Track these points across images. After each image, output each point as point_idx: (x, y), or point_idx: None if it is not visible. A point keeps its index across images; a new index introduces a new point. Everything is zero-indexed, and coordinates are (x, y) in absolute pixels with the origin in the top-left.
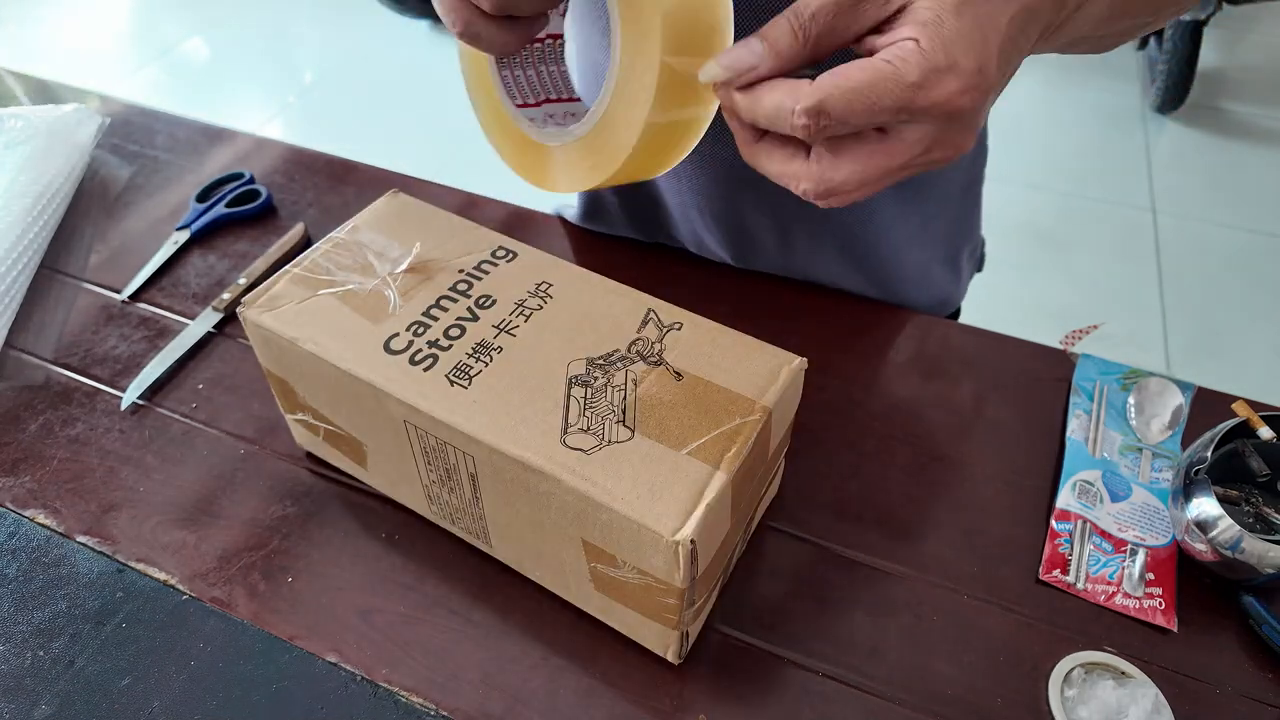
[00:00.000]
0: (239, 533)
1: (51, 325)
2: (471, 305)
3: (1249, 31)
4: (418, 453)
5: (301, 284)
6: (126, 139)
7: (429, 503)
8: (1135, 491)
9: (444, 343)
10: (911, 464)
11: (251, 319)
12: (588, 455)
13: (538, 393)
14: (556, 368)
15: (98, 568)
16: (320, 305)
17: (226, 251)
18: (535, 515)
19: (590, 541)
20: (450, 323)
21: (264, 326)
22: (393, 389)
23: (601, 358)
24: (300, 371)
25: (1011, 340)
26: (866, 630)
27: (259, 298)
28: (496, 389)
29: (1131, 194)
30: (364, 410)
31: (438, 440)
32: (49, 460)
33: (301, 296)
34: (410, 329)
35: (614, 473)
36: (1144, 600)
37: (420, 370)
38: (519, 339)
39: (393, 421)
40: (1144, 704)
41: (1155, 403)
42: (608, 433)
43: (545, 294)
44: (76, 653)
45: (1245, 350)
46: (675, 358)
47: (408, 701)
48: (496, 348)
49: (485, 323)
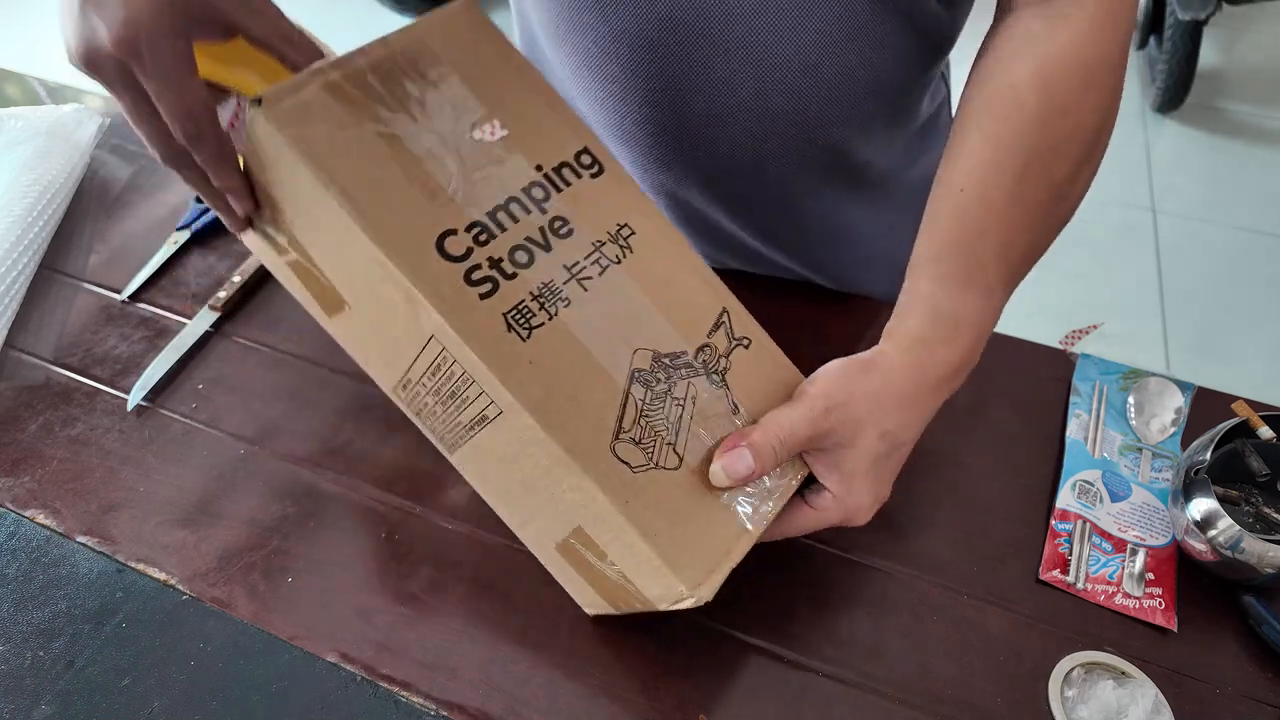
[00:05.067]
0: (239, 533)
1: (51, 325)
2: (545, 226)
3: (1248, 31)
4: (425, 361)
5: (339, 99)
6: (126, 139)
7: (400, 389)
8: (1135, 491)
9: (508, 267)
10: (912, 464)
11: (271, 129)
12: (633, 474)
13: (598, 376)
14: (622, 352)
15: (98, 568)
16: (362, 143)
17: (226, 251)
18: (536, 484)
19: (589, 534)
20: (518, 240)
21: (285, 146)
22: (438, 306)
23: (668, 357)
24: (308, 211)
25: (1011, 340)
26: (867, 630)
27: (282, 98)
28: (556, 353)
29: (1131, 194)
30: (375, 292)
31: (464, 373)
32: (49, 460)
33: (340, 120)
34: (472, 231)
35: (654, 503)
36: (1144, 600)
37: (476, 295)
38: (589, 296)
39: (412, 324)
40: (1144, 704)
41: (1155, 403)
42: (658, 454)
43: (626, 243)
44: (76, 653)
45: (1245, 350)
46: (736, 382)
47: (408, 701)
48: (564, 299)
49: (557, 258)
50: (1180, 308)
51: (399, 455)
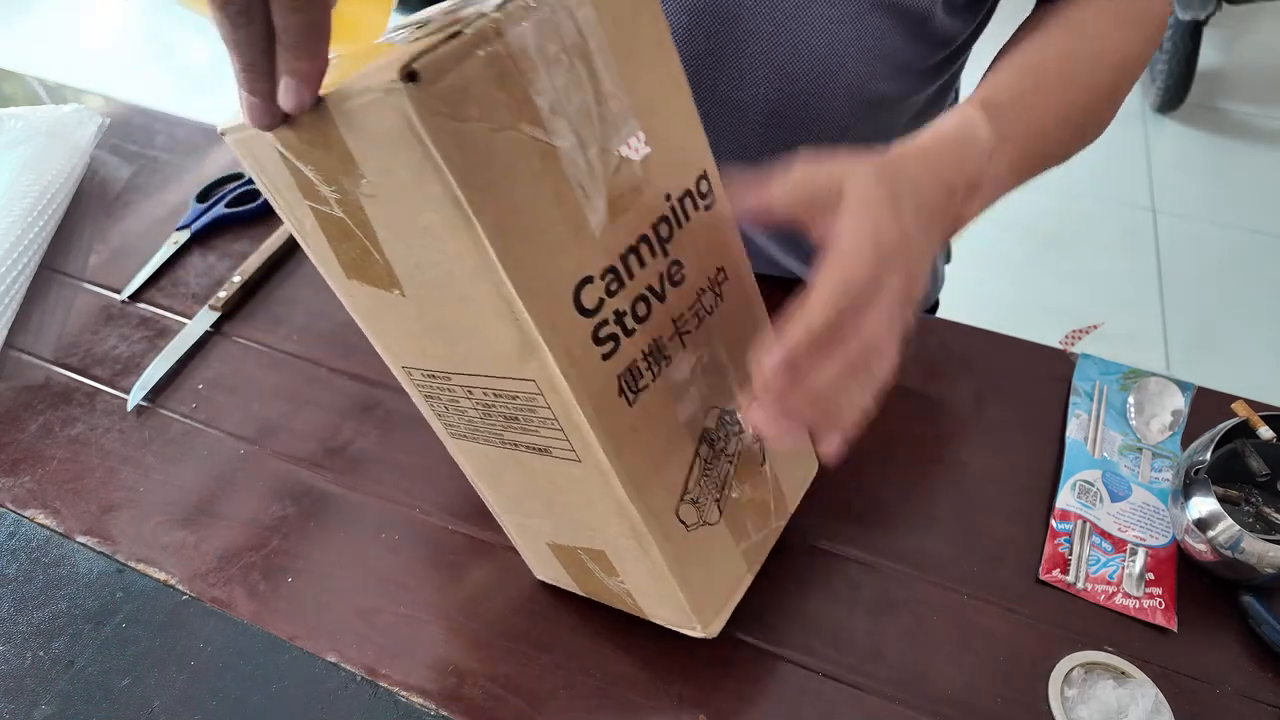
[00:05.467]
0: (239, 533)
1: (51, 325)
2: (664, 272)
3: (1249, 31)
4: (498, 384)
5: (501, 80)
6: (126, 139)
7: (424, 377)
8: (1135, 491)
9: (629, 322)
10: (911, 464)
11: (412, 115)
12: (686, 532)
13: (680, 439)
14: (700, 412)
15: (98, 568)
16: (517, 154)
17: (226, 251)
18: (569, 508)
19: (609, 559)
20: (640, 290)
21: (424, 141)
22: (563, 367)
23: (728, 414)
24: (403, 200)
25: (1011, 340)
26: (866, 630)
27: (440, 76)
28: (654, 417)
29: (1131, 193)
30: (468, 307)
31: (550, 416)
32: (49, 460)
33: (497, 115)
34: (606, 279)
35: (695, 558)
36: (1144, 600)
37: (599, 355)
38: (685, 352)
39: (509, 358)
40: (1144, 704)
41: (1155, 402)
42: (705, 512)
43: (720, 290)
44: (76, 653)
45: (1245, 350)
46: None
47: (408, 701)
48: (667, 356)
49: (668, 310)
50: (1180, 307)
51: (399, 455)
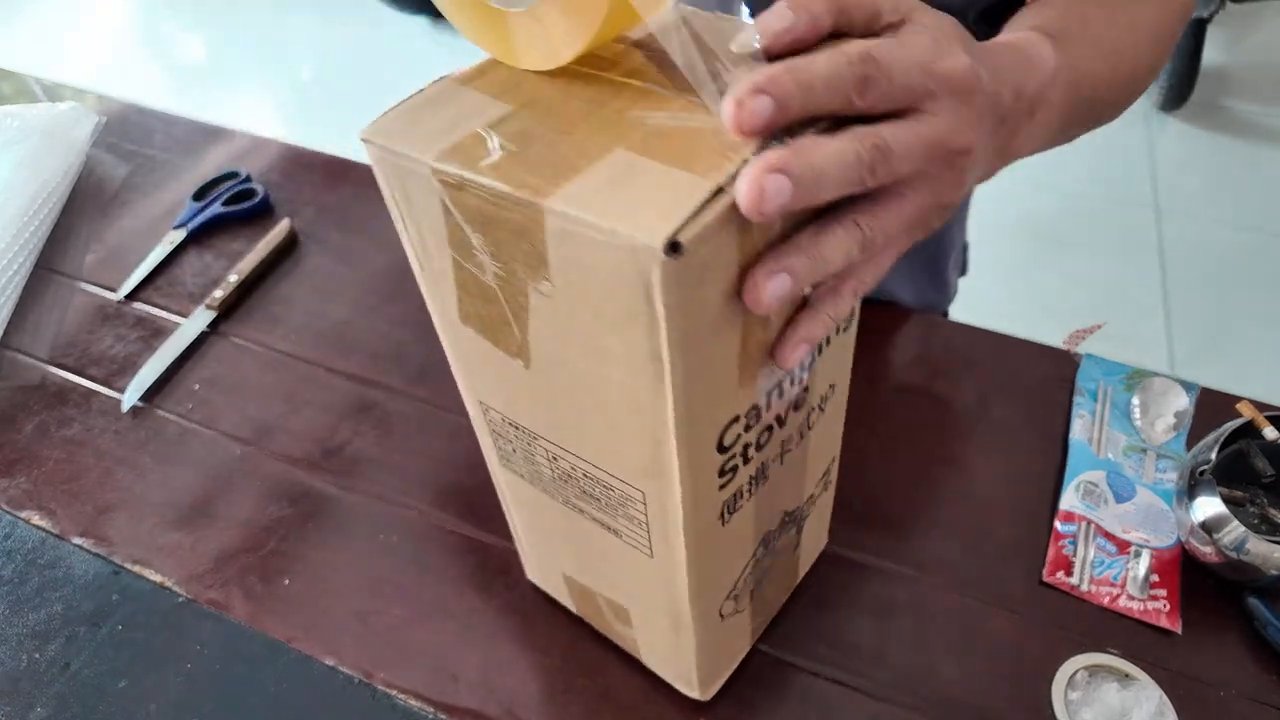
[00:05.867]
0: (235, 534)
1: (47, 325)
2: (794, 400)
3: (1252, 30)
4: (597, 472)
5: (738, 248)
6: (123, 138)
7: (505, 425)
8: (1139, 492)
9: (751, 452)
10: (914, 465)
11: (669, 287)
12: (721, 621)
13: (747, 544)
14: (770, 518)
15: (93, 569)
16: (728, 308)
17: (223, 251)
18: (611, 564)
19: (629, 613)
20: (771, 420)
21: (664, 309)
22: (684, 498)
23: (789, 514)
24: (580, 320)
25: (1014, 340)
26: (869, 633)
27: (699, 248)
28: (735, 532)
29: (1135, 193)
30: (601, 408)
31: (640, 513)
32: (44, 461)
33: (727, 280)
34: (748, 417)
35: (718, 640)
36: (1148, 602)
37: (718, 485)
38: (780, 469)
39: (623, 457)
40: (1148, 707)
41: (1159, 403)
42: (740, 603)
43: (824, 406)
44: (72, 655)
45: (1250, 350)
46: (807, 525)
47: (405, 704)
48: (766, 477)
49: (783, 433)
50: (1184, 307)
51: (397, 456)
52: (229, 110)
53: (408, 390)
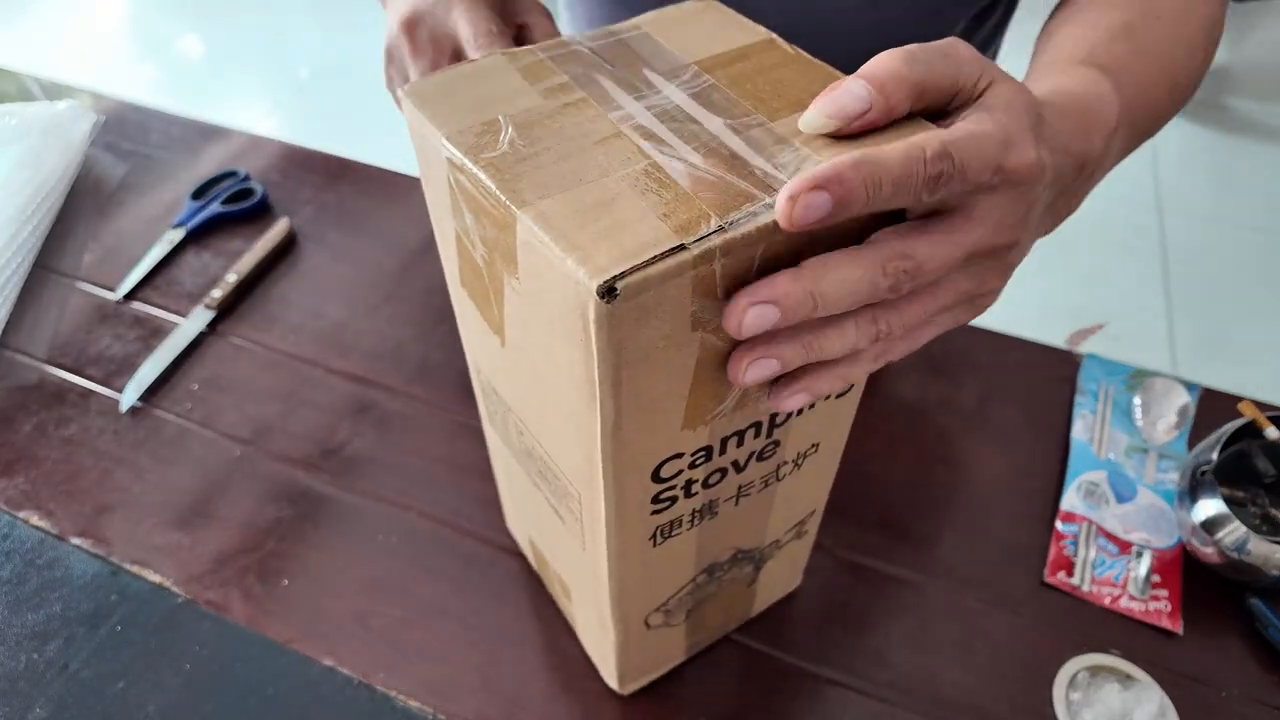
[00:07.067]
0: (234, 535)
1: (45, 325)
2: (758, 451)
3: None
4: (544, 455)
5: (693, 298)
6: (121, 136)
7: (490, 391)
8: (1141, 493)
9: (696, 489)
10: (915, 466)
11: (602, 325)
12: (647, 630)
13: (685, 569)
14: (717, 552)
15: (92, 570)
16: (679, 352)
17: (221, 250)
18: (558, 544)
19: (571, 594)
20: (725, 464)
21: (597, 343)
22: (610, 518)
23: (744, 551)
24: (543, 341)
25: (1015, 340)
26: (870, 633)
27: (638, 294)
28: (670, 556)
29: (1137, 192)
30: (553, 409)
31: (578, 508)
32: (43, 461)
33: (674, 324)
34: (695, 455)
35: (644, 646)
36: (1149, 603)
37: (650, 511)
38: (735, 510)
39: (563, 454)
40: (1149, 707)
41: (1161, 403)
42: (673, 618)
43: (801, 462)
44: (71, 656)
45: (1252, 350)
46: (770, 565)
47: (405, 705)
48: (714, 513)
49: (740, 479)
50: (1186, 307)
51: (396, 457)
52: (228, 109)
53: (406, 390)
